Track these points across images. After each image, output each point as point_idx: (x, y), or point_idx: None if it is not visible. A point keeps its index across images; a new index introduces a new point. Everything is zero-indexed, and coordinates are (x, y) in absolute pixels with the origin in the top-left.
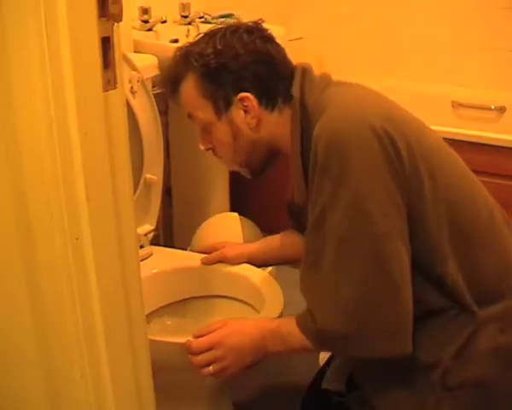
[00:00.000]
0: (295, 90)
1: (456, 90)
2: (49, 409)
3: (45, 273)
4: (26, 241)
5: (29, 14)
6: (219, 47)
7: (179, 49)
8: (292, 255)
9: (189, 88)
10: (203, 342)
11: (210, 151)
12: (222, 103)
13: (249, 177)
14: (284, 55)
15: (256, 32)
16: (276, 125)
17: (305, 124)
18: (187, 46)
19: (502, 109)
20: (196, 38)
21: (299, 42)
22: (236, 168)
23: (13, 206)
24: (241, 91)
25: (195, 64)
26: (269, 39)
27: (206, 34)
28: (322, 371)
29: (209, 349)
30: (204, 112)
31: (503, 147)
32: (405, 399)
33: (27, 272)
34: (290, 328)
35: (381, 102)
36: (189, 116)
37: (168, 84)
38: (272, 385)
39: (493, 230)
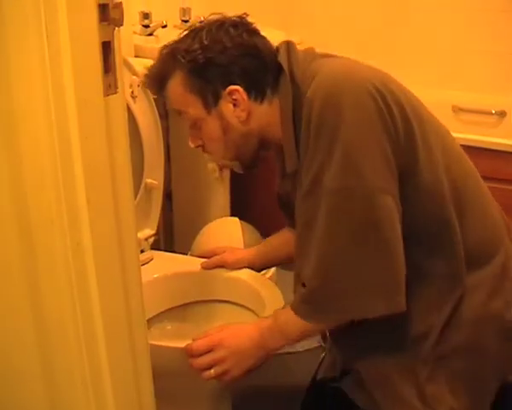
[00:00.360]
0: (283, 63)
1: (457, 95)
2: None
3: (46, 278)
4: (27, 245)
5: (30, 18)
6: (206, 42)
7: (165, 47)
8: (288, 253)
9: (177, 85)
10: (202, 344)
11: (200, 148)
12: (211, 98)
13: (241, 171)
14: (270, 47)
15: (241, 25)
16: (267, 116)
17: (294, 95)
18: (172, 44)
19: (502, 114)
20: (181, 35)
21: (299, 46)
22: (227, 163)
23: (13, 211)
24: (230, 85)
25: (183, 61)
26: (254, 32)
27: (191, 31)
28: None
29: (208, 351)
30: (193, 108)
31: (503, 151)
32: (398, 376)
33: (28, 276)
34: (287, 317)
35: (371, 68)
36: (179, 113)
37: (155, 83)
38: (272, 387)
39: (482, 197)
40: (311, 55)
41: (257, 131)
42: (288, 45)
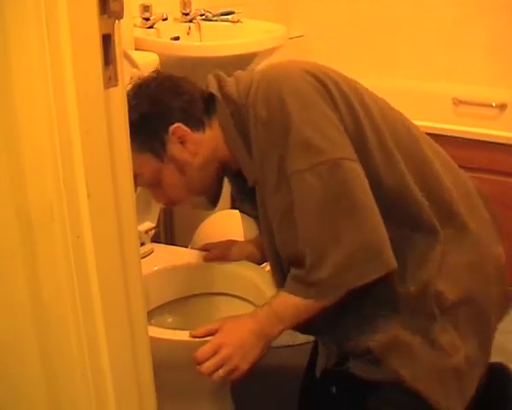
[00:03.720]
0: (214, 89)
1: (457, 88)
2: (49, 407)
3: (46, 271)
4: (27, 239)
5: (30, 11)
6: (133, 102)
7: None
8: None
9: None
10: (207, 347)
11: (169, 205)
12: (159, 146)
13: (210, 208)
14: (189, 80)
15: (158, 76)
16: (212, 140)
17: (234, 110)
18: None
19: (503, 106)
20: None
21: (299, 40)
22: (196, 203)
23: (13, 204)
24: (170, 126)
25: None
26: (171, 76)
27: None
28: (312, 358)
29: (214, 353)
30: (147, 164)
31: (503, 144)
32: (411, 337)
33: (28, 269)
34: (280, 301)
35: (303, 61)
36: (134, 179)
37: None
38: (273, 380)
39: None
40: (237, 78)
41: (211, 158)
42: (215, 73)
